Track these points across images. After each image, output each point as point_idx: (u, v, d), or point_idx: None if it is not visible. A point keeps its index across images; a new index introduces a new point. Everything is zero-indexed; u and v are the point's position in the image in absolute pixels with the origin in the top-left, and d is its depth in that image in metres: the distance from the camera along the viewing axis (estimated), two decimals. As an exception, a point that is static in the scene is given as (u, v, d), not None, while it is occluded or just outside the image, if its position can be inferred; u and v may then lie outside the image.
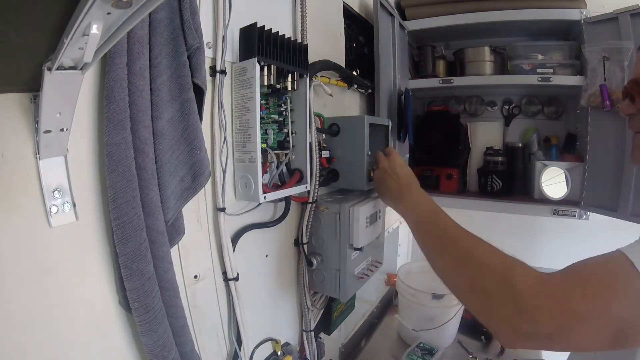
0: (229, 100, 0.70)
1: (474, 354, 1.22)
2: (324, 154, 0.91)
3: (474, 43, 1.49)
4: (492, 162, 1.49)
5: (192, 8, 0.56)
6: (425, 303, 1.21)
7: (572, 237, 1.58)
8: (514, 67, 1.37)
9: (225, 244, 0.69)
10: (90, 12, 0.27)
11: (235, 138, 0.71)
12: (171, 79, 0.55)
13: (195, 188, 0.58)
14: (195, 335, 0.65)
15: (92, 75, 0.49)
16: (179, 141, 0.56)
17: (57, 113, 0.41)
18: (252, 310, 0.81)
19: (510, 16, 1.31)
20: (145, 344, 0.51)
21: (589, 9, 1.24)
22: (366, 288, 1.15)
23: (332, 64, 0.94)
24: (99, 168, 0.51)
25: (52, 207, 0.45)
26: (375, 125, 0.96)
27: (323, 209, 0.90)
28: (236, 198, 0.73)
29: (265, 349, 0.86)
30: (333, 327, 1.05)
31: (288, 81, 0.74)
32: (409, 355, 1.15)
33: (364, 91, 1.21)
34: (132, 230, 0.48)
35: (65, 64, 0.36)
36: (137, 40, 0.49)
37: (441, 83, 1.47)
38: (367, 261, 1.03)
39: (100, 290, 0.52)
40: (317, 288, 0.96)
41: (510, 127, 1.61)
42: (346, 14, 1.12)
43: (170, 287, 0.55)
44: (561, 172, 1.33)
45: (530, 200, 1.41)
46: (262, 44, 0.67)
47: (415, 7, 1.46)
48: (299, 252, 0.93)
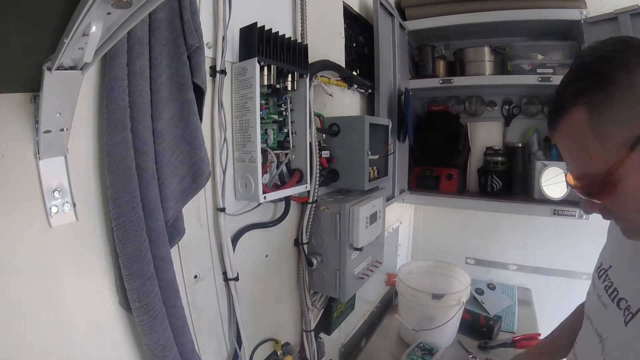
0: (229, 100, 0.70)
1: (474, 354, 1.22)
2: (324, 154, 0.91)
3: (474, 43, 1.49)
4: (492, 162, 1.49)
5: (192, 8, 0.56)
6: (425, 303, 1.21)
7: (572, 237, 1.59)
8: (514, 67, 1.37)
9: (225, 244, 0.69)
10: (90, 12, 0.27)
11: (235, 138, 0.71)
12: (171, 79, 0.55)
13: (195, 188, 0.58)
14: (195, 335, 0.65)
15: (92, 75, 0.49)
16: (179, 141, 0.56)
17: (57, 113, 0.41)
18: (252, 310, 0.81)
19: (510, 16, 1.32)
20: (146, 344, 0.51)
21: (589, 9, 1.24)
22: (366, 288, 1.15)
23: (332, 64, 0.94)
24: (99, 168, 0.51)
25: (52, 207, 0.45)
26: (375, 125, 0.96)
27: (323, 209, 0.89)
28: (236, 198, 0.73)
29: (265, 349, 0.86)
30: (333, 327, 1.05)
31: (288, 81, 0.74)
32: (409, 355, 1.15)
33: (364, 91, 1.21)
34: (132, 230, 0.48)
35: (65, 64, 0.36)
36: (137, 40, 0.49)
37: (441, 83, 1.47)
38: (367, 261, 1.03)
39: (100, 290, 0.52)
40: (317, 288, 0.96)
41: (510, 127, 1.61)
42: (346, 14, 1.12)
43: (170, 287, 0.55)
44: (561, 172, 1.33)
45: (530, 200, 1.41)
46: (262, 44, 0.67)
47: (415, 7, 1.47)
48: (299, 252, 0.93)
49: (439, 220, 1.94)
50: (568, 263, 1.62)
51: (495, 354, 1.24)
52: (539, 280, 1.69)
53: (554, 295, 1.66)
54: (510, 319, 1.44)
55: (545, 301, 1.64)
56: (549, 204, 1.34)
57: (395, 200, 1.36)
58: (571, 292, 1.65)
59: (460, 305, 1.22)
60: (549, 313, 1.63)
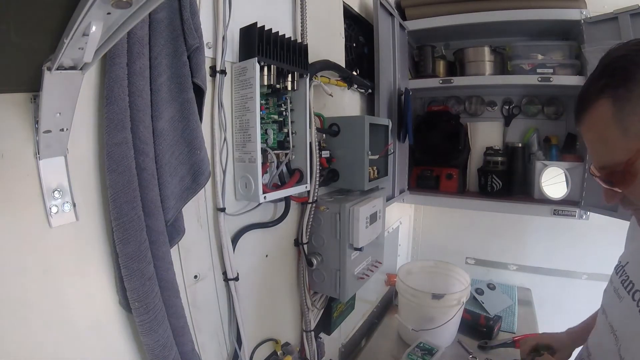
0: (229, 100, 0.70)
1: (474, 354, 1.22)
2: (324, 154, 0.91)
3: (474, 43, 1.49)
4: (492, 162, 1.49)
5: (192, 8, 0.56)
6: (425, 303, 1.21)
7: (572, 237, 1.59)
8: (514, 67, 1.37)
9: (225, 244, 0.69)
10: (90, 12, 0.27)
11: (235, 138, 0.71)
12: (171, 79, 0.55)
13: (195, 188, 0.58)
14: (195, 335, 0.65)
15: (92, 75, 0.49)
16: (179, 141, 0.56)
17: (57, 113, 0.41)
18: (252, 310, 0.81)
19: (510, 16, 1.32)
20: (146, 344, 0.51)
21: (589, 9, 1.24)
22: (366, 288, 1.15)
23: (332, 64, 0.94)
24: (99, 168, 0.51)
25: (52, 207, 0.45)
26: (375, 125, 0.96)
27: (323, 209, 0.89)
28: (236, 198, 0.73)
29: (265, 349, 0.86)
30: (333, 327, 1.05)
31: (288, 81, 0.74)
32: (409, 355, 1.15)
33: (364, 91, 1.21)
34: (132, 231, 0.48)
35: (65, 64, 0.36)
36: (137, 40, 0.49)
37: (441, 83, 1.47)
38: (367, 261, 1.03)
39: (101, 291, 0.52)
40: (317, 288, 0.96)
41: (510, 127, 1.61)
42: (346, 14, 1.12)
43: (170, 287, 0.55)
44: (561, 172, 1.33)
45: (530, 200, 1.41)
46: (262, 44, 0.67)
47: (415, 7, 1.46)
48: (299, 252, 0.93)
49: (439, 220, 1.94)
50: (568, 263, 1.62)
51: (495, 354, 1.24)
52: (539, 280, 1.69)
53: (554, 295, 1.66)
54: (510, 319, 1.44)
55: (545, 301, 1.64)
56: (548, 203, 1.35)
57: (395, 200, 1.36)
58: (571, 292, 1.66)
59: (460, 305, 1.22)
60: (549, 313, 1.63)
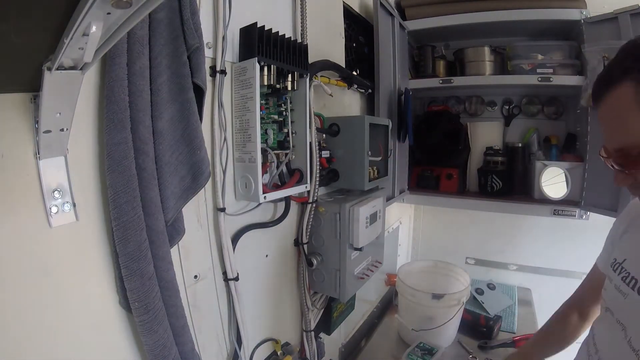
0: (229, 100, 0.70)
1: (474, 354, 1.22)
2: (324, 154, 0.91)
3: (474, 43, 1.49)
4: (492, 162, 1.49)
5: (192, 8, 0.56)
6: (425, 303, 1.21)
7: (572, 237, 1.59)
8: (514, 67, 1.37)
9: (225, 244, 0.69)
10: (90, 12, 0.27)
11: (235, 138, 0.71)
12: (171, 79, 0.55)
13: (195, 188, 0.58)
14: (195, 335, 0.65)
15: (92, 75, 0.49)
16: (179, 141, 0.56)
17: (57, 113, 0.41)
18: (252, 311, 0.81)
19: (510, 16, 1.32)
20: (146, 344, 0.51)
21: (589, 9, 1.24)
22: (366, 288, 1.15)
23: (332, 64, 0.94)
24: (99, 168, 0.51)
25: (52, 207, 0.45)
26: (375, 125, 0.96)
27: (323, 209, 0.90)
28: (236, 198, 0.73)
29: (265, 349, 0.86)
30: (333, 327, 1.05)
31: (288, 81, 0.74)
32: (409, 355, 1.15)
33: (364, 91, 1.21)
34: (132, 230, 0.48)
35: (65, 64, 0.36)
36: (137, 40, 0.49)
37: (441, 83, 1.47)
38: (367, 261, 1.03)
39: (101, 291, 0.52)
40: (317, 288, 0.96)
41: (510, 127, 1.61)
42: (346, 14, 1.12)
43: (170, 287, 0.55)
44: (561, 172, 1.33)
45: (530, 200, 1.41)
46: (262, 44, 0.67)
47: (415, 7, 1.46)
48: (299, 252, 0.93)
49: (439, 220, 1.93)
50: (568, 263, 1.62)
51: (495, 354, 1.24)
52: (539, 280, 1.69)
53: (554, 295, 1.65)
54: (510, 319, 1.44)
55: (545, 301, 1.63)
56: (548, 203, 1.35)
57: (395, 200, 1.36)
58: (571, 292, 1.65)
59: (460, 305, 1.22)
60: (549, 313, 1.62)
